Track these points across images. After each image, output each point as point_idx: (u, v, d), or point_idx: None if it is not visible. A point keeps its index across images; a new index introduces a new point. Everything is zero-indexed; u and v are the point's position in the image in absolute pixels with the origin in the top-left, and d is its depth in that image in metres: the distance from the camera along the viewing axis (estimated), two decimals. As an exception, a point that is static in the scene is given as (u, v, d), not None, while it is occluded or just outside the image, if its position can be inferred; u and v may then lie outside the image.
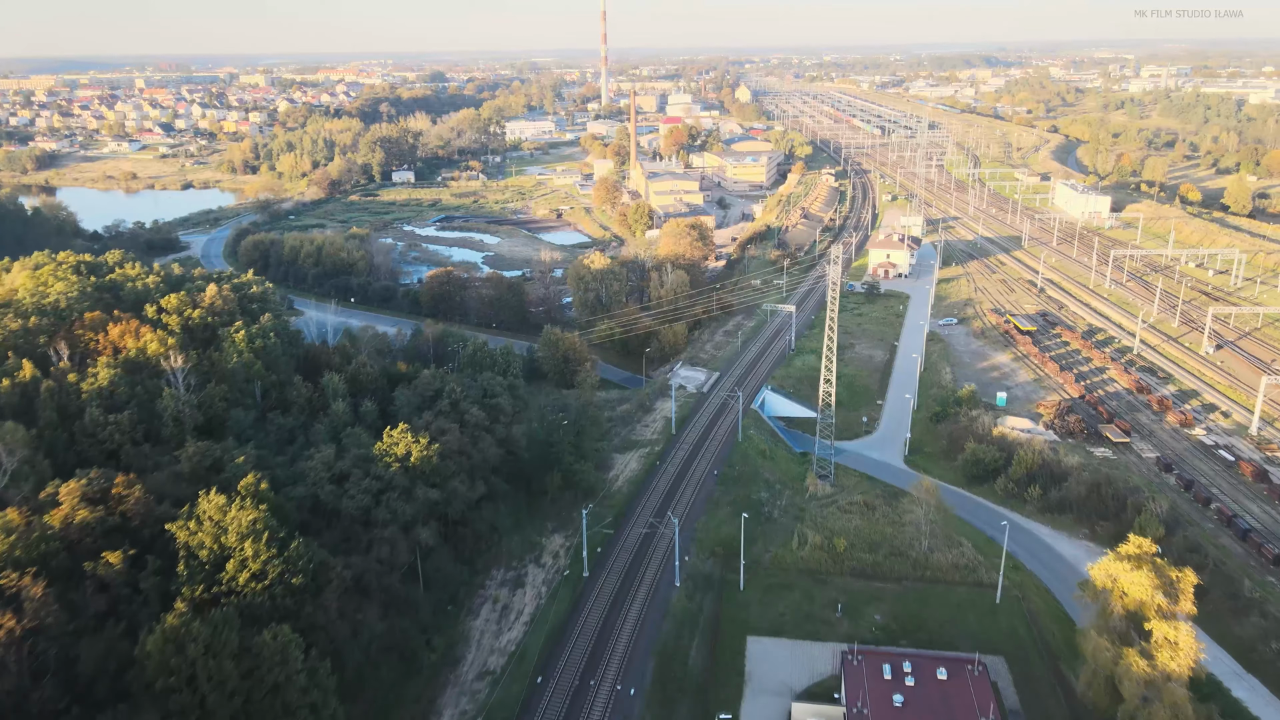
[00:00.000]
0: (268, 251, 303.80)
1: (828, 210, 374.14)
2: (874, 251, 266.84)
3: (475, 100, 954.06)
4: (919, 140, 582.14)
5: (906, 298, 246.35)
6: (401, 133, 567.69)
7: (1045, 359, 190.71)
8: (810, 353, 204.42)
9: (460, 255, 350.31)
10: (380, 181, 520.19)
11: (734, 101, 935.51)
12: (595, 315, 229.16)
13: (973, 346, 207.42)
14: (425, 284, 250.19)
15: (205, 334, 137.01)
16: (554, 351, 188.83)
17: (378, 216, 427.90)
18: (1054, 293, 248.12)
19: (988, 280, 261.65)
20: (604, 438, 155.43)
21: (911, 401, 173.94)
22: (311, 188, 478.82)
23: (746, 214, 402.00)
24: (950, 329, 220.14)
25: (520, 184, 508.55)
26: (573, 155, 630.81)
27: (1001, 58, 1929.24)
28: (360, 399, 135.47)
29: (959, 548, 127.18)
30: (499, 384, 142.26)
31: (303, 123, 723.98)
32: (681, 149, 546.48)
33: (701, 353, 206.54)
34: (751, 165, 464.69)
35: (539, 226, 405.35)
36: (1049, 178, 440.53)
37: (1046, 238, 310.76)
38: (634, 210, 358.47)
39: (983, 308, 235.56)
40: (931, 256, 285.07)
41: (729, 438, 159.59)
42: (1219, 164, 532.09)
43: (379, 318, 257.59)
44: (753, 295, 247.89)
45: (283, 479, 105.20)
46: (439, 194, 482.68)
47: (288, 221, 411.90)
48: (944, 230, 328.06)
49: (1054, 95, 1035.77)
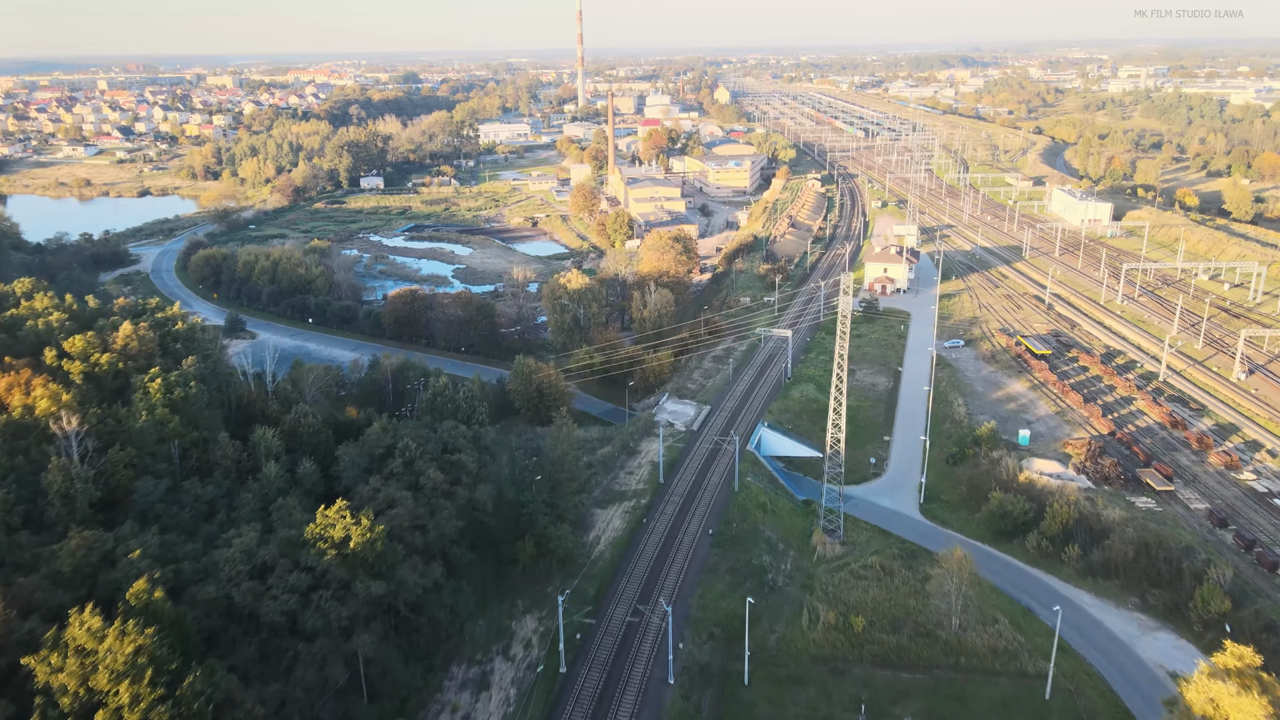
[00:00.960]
0: (220, 267, 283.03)
1: (816, 218, 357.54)
2: (870, 265, 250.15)
3: (449, 102, 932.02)
4: (906, 143, 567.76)
5: (907, 316, 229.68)
6: (370, 136, 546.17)
7: (1065, 388, 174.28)
8: (808, 381, 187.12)
9: (429, 268, 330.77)
10: (347, 188, 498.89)
11: (713, 103, 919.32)
12: (573, 339, 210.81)
13: (984, 372, 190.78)
14: (388, 304, 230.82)
15: (116, 383, 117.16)
16: (527, 385, 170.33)
17: (343, 226, 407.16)
18: (1063, 309, 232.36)
19: (991, 295, 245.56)
20: (583, 490, 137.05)
21: (923, 438, 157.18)
22: (274, 195, 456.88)
23: (731, 221, 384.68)
24: (957, 352, 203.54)
25: (494, 190, 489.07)
26: (549, 159, 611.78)
27: (978, 58, 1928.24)
28: (300, 456, 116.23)
29: (994, 625, 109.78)
30: (462, 435, 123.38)
31: (269, 126, 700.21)
32: (661, 153, 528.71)
33: (689, 382, 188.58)
34: (734, 170, 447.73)
35: (513, 236, 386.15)
36: (1043, 182, 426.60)
37: (1048, 247, 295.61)
38: (613, 219, 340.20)
39: (990, 327, 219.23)
40: (930, 269, 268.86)
41: (723, 487, 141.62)
42: (1209, 166, 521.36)
43: (338, 340, 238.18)
44: (743, 315, 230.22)
45: (189, 575, 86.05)
46: (409, 201, 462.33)
47: (247, 232, 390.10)
48: (940, 240, 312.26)
49: (1034, 96, 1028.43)
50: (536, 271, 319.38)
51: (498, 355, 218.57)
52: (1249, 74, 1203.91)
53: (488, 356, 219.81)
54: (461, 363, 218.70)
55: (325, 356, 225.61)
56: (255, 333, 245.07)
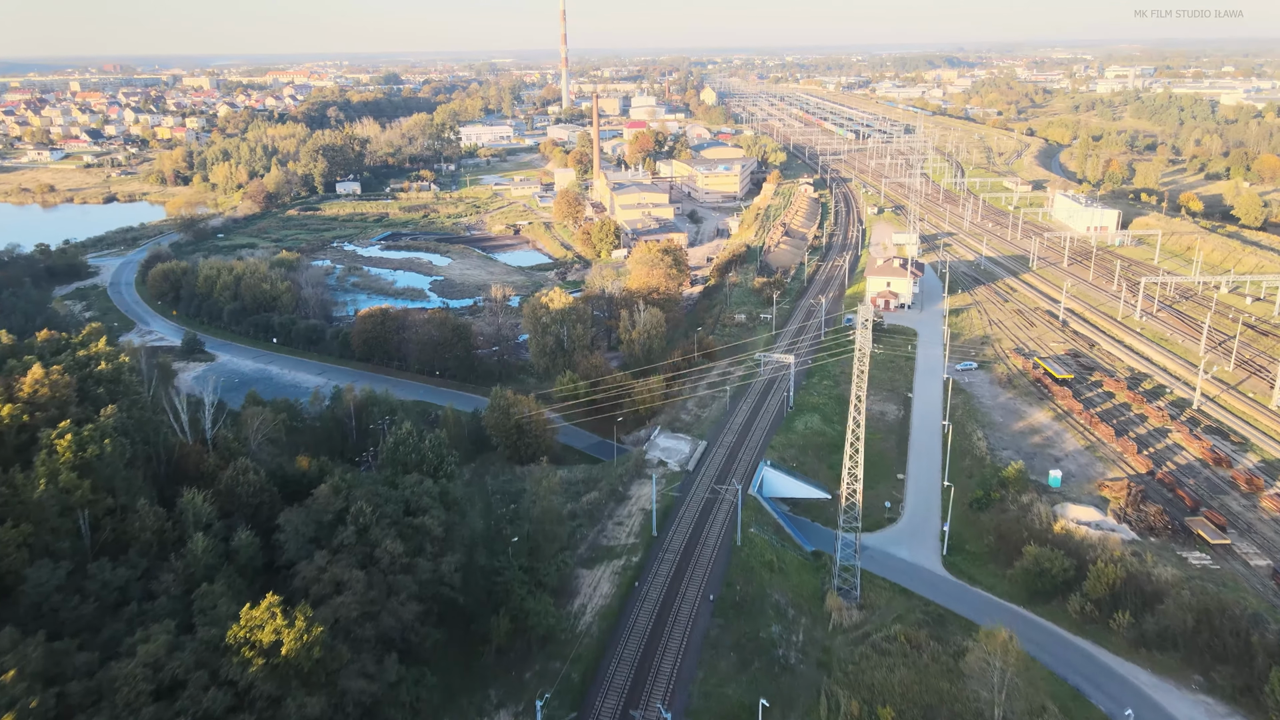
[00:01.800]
0: (179, 282, 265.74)
1: (810, 225, 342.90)
2: (872, 279, 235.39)
3: (430, 104, 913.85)
4: (899, 146, 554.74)
5: (914, 335, 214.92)
6: (346, 140, 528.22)
7: (1093, 418, 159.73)
8: (813, 411, 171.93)
9: (405, 280, 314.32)
10: (323, 194, 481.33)
11: (699, 104, 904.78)
12: (555, 362, 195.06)
13: (1001, 399, 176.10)
14: (357, 325, 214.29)
15: (20, 439, 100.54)
16: (505, 420, 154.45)
17: (316, 234, 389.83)
18: (1079, 326, 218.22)
19: (1001, 311, 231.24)
20: (566, 547, 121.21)
21: (946, 484, 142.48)
22: (245, 201, 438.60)
23: (721, 229, 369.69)
24: (971, 376, 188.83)
25: (475, 195, 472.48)
26: (532, 162, 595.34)
27: (962, 58, 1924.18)
28: (237, 522, 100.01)
29: (1042, 715, 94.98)
30: (427, 493, 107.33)
31: (244, 129, 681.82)
32: (648, 156, 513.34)
33: (683, 413, 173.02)
34: (724, 175, 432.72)
35: (494, 245, 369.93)
36: (1043, 186, 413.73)
37: (1055, 257, 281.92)
38: (598, 228, 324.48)
39: (1003, 347, 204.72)
40: (934, 282, 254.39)
41: (724, 541, 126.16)
42: (1207, 169, 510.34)
43: (303, 363, 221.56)
44: (738, 334, 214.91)
45: (77, 699, 69.75)
46: (386, 207, 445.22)
47: (215, 241, 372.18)
48: (942, 249, 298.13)
49: (1022, 96, 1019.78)
50: (517, 284, 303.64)
51: (475, 379, 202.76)
52: (1236, 74, 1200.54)
53: (464, 381, 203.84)
54: (435, 388, 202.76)
55: (288, 382, 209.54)
56: (215, 354, 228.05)
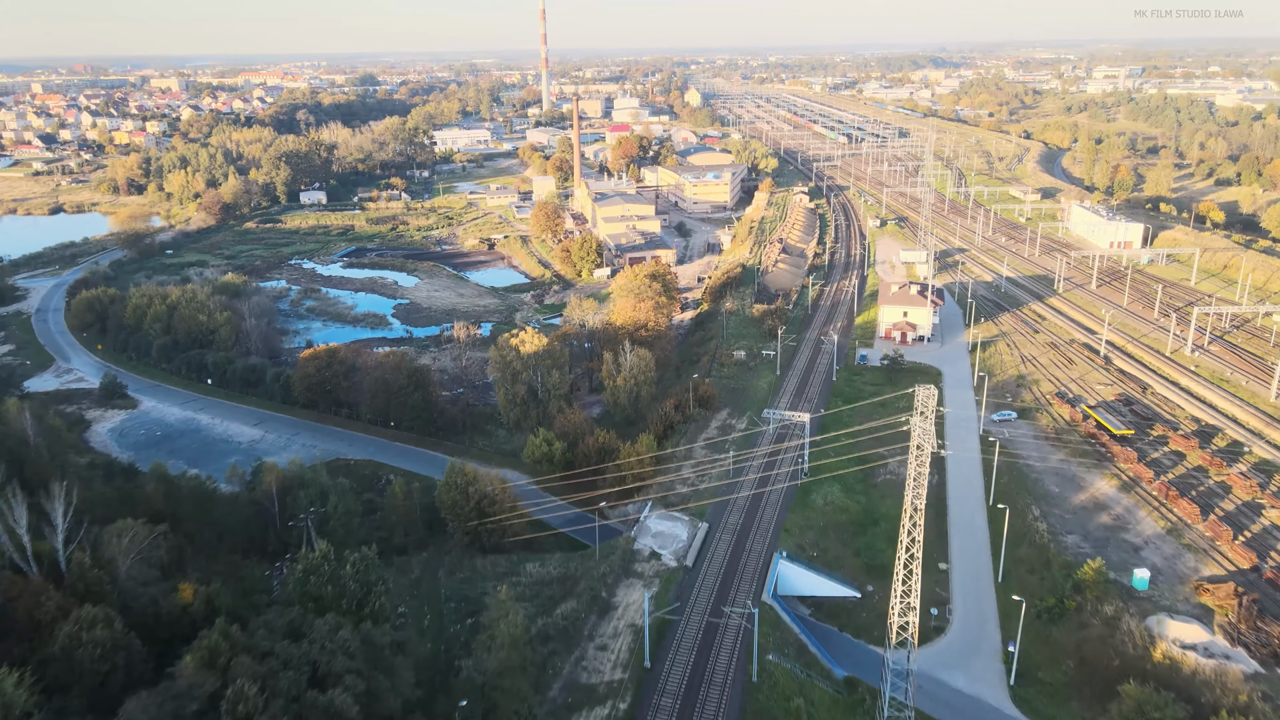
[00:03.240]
0: (105, 312, 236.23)
1: (809, 240, 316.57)
2: (886, 308, 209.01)
3: (406, 106, 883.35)
4: (895, 151, 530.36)
5: (938, 375, 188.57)
6: (312, 146, 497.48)
7: (1170, 491, 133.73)
8: (830, 479, 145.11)
9: (366, 303, 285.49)
10: (285, 204, 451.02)
11: (684, 106, 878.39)
12: (527, 414, 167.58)
13: (1053, 461, 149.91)
14: (299, 368, 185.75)
15: None
16: (462, 500, 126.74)
17: (274, 250, 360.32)
18: (1123, 363, 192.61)
19: (1033, 344, 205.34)
20: (536, 692, 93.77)
21: (990, 565, 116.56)
22: (200, 213, 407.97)
23: (712, 244, 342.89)
24: (1011, 428, 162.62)
25: (449, 205, 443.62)
26: (510, 168, 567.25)
27: (945, 58, 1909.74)
28: (70, 708, 71.82)
29: None
30: (343, 648, 79.54)
31: (207, 133, 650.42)
32: (632, 163, 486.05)
33: (678, 481, 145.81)
34: (713, 183, 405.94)
35: (466, 262, 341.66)
36: (1053, 195, 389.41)
37: (1080, 278, 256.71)
38: (579, 245, 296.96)
39: (1042, 391, 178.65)
40: (953, 309, 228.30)
41: (736, 674, 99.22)
42: (1215, 174, 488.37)
43: (239, 410, 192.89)
44: (737, 376, 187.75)
45: None
46: (352, 219, 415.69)
47: (162, 259, 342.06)
48: (956, 269, 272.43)
49: (1012, 97, 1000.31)
50: (489, 308, 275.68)
51: (436, 430, 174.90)
52: (1226, 74, 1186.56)
53: (423, 433, 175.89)
54: (389, 442, 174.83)
55: (218, 435, 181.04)
56: (138, 399, 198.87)
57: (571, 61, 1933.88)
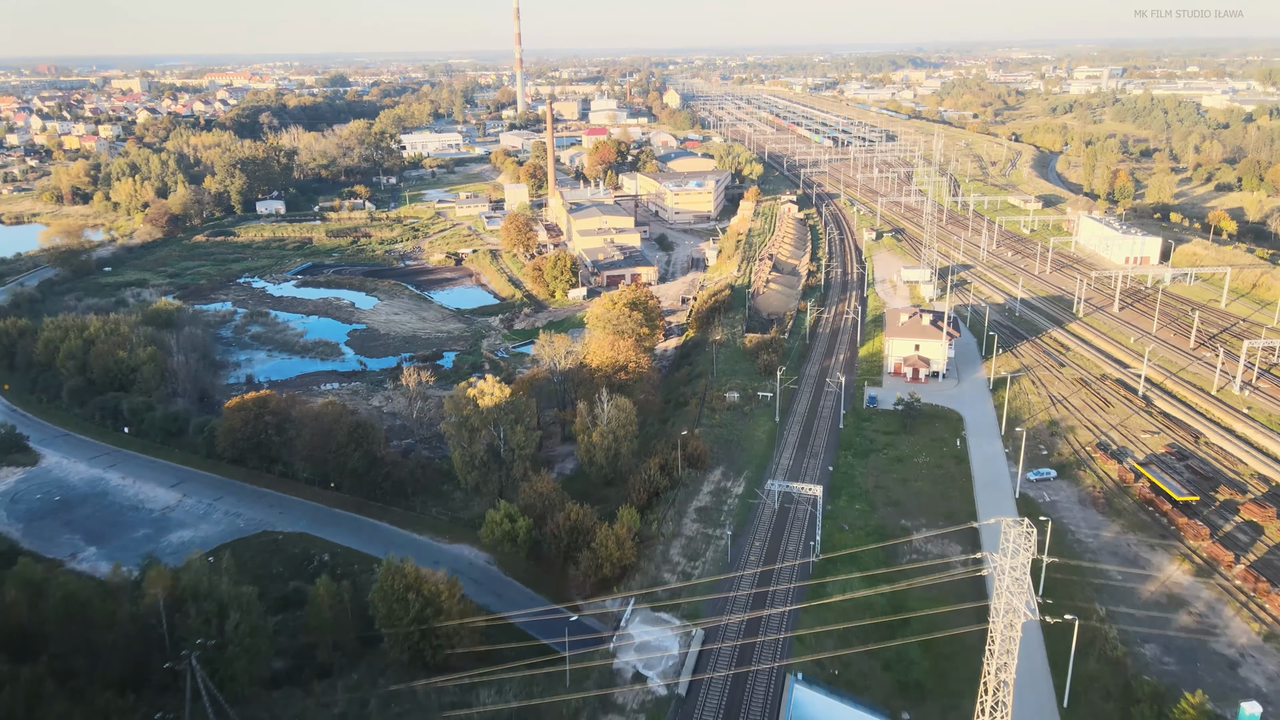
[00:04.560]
0: (14, 346, 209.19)
1: (800, 255, 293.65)
2: (894, 341, 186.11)
3: (376, 108, 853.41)
4: (884, 155, 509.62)
5: (958, 420, 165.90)
6: (270, 151, 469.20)
7: (1256, 580, 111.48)
8: (847, 560, 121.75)
9: (318, 329, 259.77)
10: (241, 214, 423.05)
11: (663, 107, 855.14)
12: (488, 478, 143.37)
13: (1106, 535, 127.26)
14: (225, 420, 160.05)
15: None
16: (402, 608, 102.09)
17: (223, 266, 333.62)
18: (1163, 402, 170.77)
19: (1059, 380, 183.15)
20: None
21: (1048, 680, 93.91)
22: (145, 225, 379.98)
23: (696, 259, 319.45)
24: (1050, 490, 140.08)
25: (416, 215, 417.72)
26: (482, 174, 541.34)
27: (924, 58, 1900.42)
28: None
29: None
30: None
31: (164, 137, 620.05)
32: (609, 169, 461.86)
33: (666, 568, 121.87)
34: (696, 192, 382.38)
35: (431, 279, 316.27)
36: (1055, 203, 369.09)
37: (1100, 299, 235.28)
38: (551, 263, 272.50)
39: (1080, 440, 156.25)
40: (967, 338, 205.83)
41: None
42: (1215, 178, 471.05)
43: (157, 467, 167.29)
44: (731, 424, 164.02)
45: None
46: (311, 230, 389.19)
47: (98, 278, 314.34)
48: (963, 288, 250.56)
49: (995, 98, 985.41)
50: (454, 334, 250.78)
51: (381, 495, 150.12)
52: (1208, 75, 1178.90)
53: (368, 496, 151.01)
54: (327, 509, 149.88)
55: (128, 499, 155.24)
56: (40, 453, 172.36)
57: (548, 62, 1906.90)
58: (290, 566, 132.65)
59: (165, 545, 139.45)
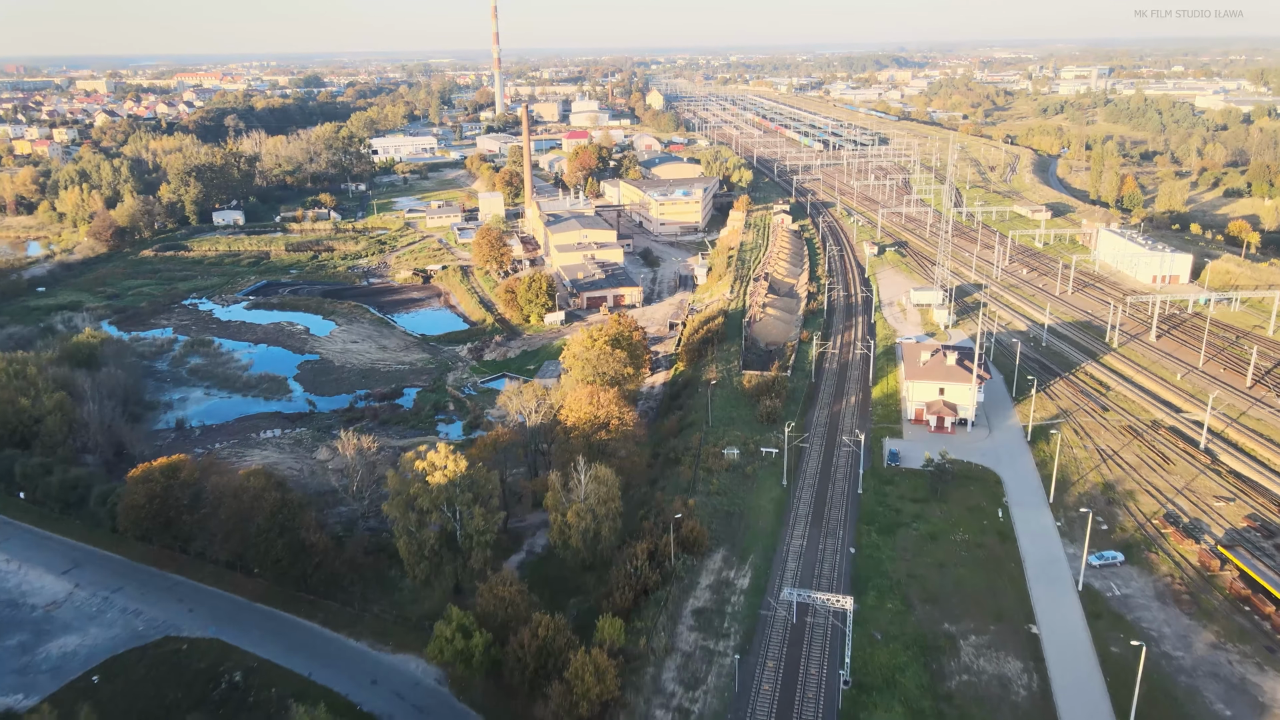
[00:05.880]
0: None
1: (798, 272, 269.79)
2: (916, 385, 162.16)
3: (349, 110, 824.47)
4: (880, 161, 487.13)
5: (996, 482, 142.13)
6: (228, 158, 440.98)
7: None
8: (885, 688, 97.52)
9: (265, 361, 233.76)
10: (197, 225, 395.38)
11: (646, 109, 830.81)
12: (440, 571, 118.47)
13: (1198, 647, 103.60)
14: (127, 494, 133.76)
15: None
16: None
17: (169, 286, 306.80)
18: (1230, 458, 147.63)
19: (1105, 428, 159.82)
20: None
21: None
22: (88, 239, 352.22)
23: (684, 275, 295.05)
24: (1119, 579, 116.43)
25: (384, 226, 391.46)
26: (457, 180, 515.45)
27: (906, 58, 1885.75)
28: None
29: None
30: None
31: (122, 141, 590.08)
32: (590, 176, 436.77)
33: (658, 701, 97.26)
34: (683, 202, 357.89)
35: (396, 300, 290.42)
36: (1065, 212, 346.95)
37: (1132, 325, 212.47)
38: (526, 285, 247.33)
39: (1144, 510, 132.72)
40: (995, 376, 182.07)
41: None
42: (1222, 183, 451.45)
43: (51, 544, 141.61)
44: (731, 490, 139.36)
45: None
46: (270, 243, 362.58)
47: (28, 300, 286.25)
48: (978, 312, 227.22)
49: (984, 98, 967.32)
50: (416, 366, 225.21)
51: (314, 585, 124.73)
52: (1197, 74, 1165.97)
53: (297, 587, 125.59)
54: (248, 603, 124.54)
55: (7, 592, 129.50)
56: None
57: (529, 62, 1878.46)
58: (192, 692, 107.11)
59: (42, 659, 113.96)
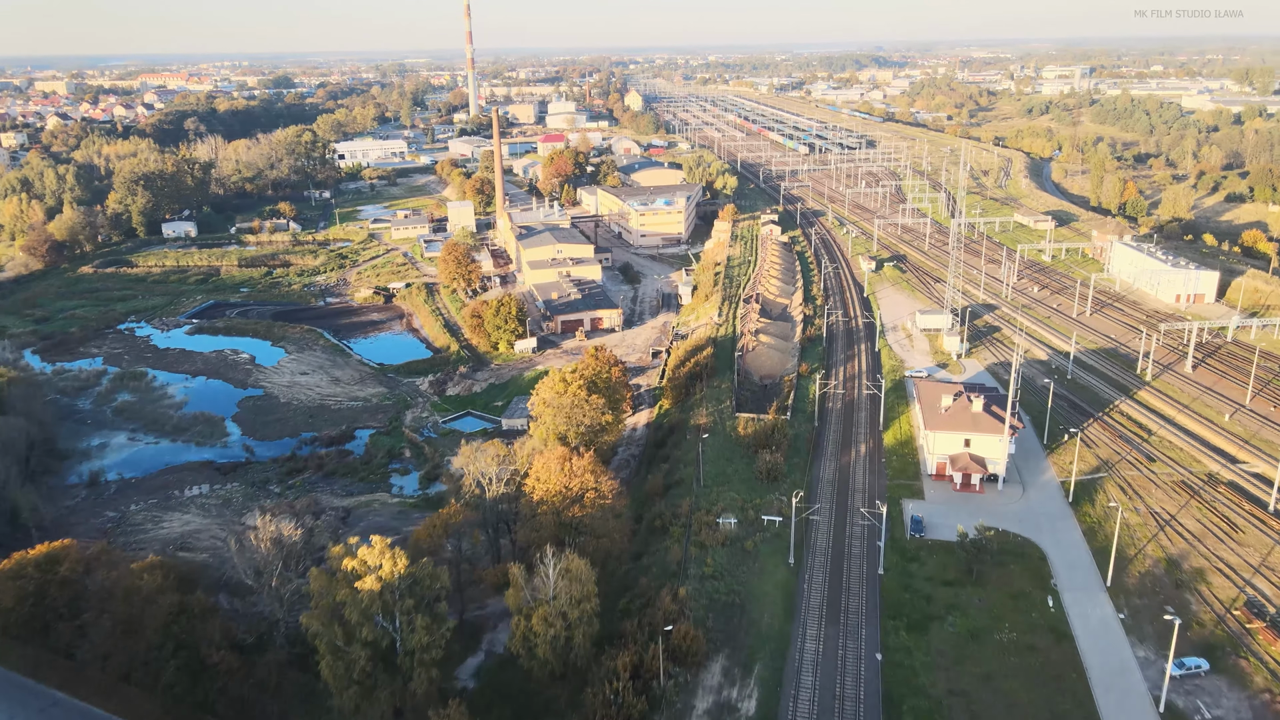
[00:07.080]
0: None
1: (791, 292, 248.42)
2: (937, 436, 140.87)
3: (318, 112, 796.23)
4: (869, 165, 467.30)
5: (1040, 559, 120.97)
6: (180, 165, 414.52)
7: None
8: None
9: (203, 397, 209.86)
10: (144, 238, 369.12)
11: (624, 110, 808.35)
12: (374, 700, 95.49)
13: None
14: None
15: None
16: None
17: (105, 308, 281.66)
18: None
19: (1155, 485, 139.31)
20: None
21: None
22: (21, 255, 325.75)
23: (668, 294, 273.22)
24: (1209, 698, 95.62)
25: (346, 237, 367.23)
26: (427, 186, 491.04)
27: (885, 57, 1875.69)
28: None
29: None
30: None
31: (74, 146, 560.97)
32: (566, 183, 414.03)
33: None
34: (665, 212, 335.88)
35: (354, 322, 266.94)
36: (1074, 222, 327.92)
37: (1164, 354, 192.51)
38: (494, 310, 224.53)
39: (1218, 594, 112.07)
40: (1024, 424, 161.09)
41: None
42: (1222, 188, 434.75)
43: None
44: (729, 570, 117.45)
45: None
46: (222, 258, 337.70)
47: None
48: (991, 337, 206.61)
49: (967, 99, 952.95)
50: (371, 403, 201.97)
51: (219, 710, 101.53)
52: (1179, 74, 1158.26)
53: (201, 709, 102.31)
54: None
55: None
56: None
57: (506, 61, 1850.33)
58: None
59: None
